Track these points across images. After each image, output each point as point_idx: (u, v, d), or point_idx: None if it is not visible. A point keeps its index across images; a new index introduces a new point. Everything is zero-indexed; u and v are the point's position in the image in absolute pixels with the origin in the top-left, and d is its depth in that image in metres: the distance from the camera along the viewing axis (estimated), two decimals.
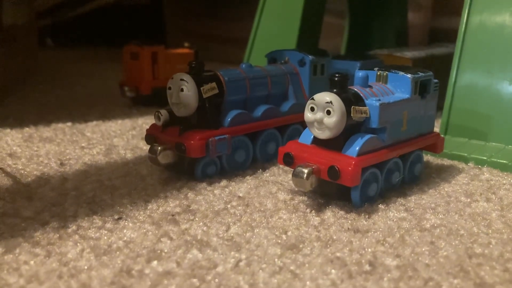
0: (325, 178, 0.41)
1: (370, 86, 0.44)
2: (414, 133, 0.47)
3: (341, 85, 0.42)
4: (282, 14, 0.85)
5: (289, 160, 0.43)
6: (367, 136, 0.41)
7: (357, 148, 0.41)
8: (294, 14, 0.83)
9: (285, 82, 0.56)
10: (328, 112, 0.40)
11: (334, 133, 0.41)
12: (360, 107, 0.41)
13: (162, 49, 0.81)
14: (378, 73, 0.46)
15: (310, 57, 0.56)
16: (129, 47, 0.81)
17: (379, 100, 0.42)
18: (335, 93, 0.41)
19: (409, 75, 0.45)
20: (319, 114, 0.41)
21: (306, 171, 0.40)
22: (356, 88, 0.43)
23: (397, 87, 0.45)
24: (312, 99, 0.41)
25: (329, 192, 0.44)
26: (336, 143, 0.42)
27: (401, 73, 0.45)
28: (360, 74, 0.44)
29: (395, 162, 0.45)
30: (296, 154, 0.43)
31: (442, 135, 0.61)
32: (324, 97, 0.41)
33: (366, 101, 0.42)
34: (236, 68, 0.53)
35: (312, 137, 0.44)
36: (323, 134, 0.41)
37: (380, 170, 0.44)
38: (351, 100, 0.41)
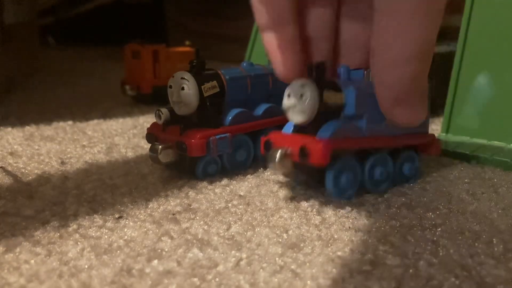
0: (297, 160, 0.41)
1: (354, 81, 0.44)
2: (401, 130, 0.46)
3: (318, 72, 0.42)
4: None
5: (267, 147, 0.44)
6: (343, 122, 0.42)
7: (329, 132, 0.41)
8: None
9: None
10: (301, 96, 0.41)
11: (307, 117, 0.41)
12: (335, 93, 0.41)
13: (163, 47, 0.81)
14: (366, 71, 0.46)
15: None
16: (130, 46, 0.81)
17: (357, 87, 0.42)
18: (310, 79, 0.41)
19: None
20: (293, 99, 0.41)
21: (278, 154, 0.41)
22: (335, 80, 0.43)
23: None
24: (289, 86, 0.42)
25: (312, 181, 0.45)
26: (314, 129, 0.42)
27: None
28: (342, 69, 0.44)
29: (380, 156, 0.45)
30: (274, 142, 0.43)
31: (444, 134, 0.61)
32: (298, 82, 0.41)
33: (344, 89, 0.42)
34: (237, 67, 0.53)
35: (293, 126, 0.44)
36: (297, 118, 0.42)
37: (361, 162, 0.44)
38: (324, 85, 0.41)
